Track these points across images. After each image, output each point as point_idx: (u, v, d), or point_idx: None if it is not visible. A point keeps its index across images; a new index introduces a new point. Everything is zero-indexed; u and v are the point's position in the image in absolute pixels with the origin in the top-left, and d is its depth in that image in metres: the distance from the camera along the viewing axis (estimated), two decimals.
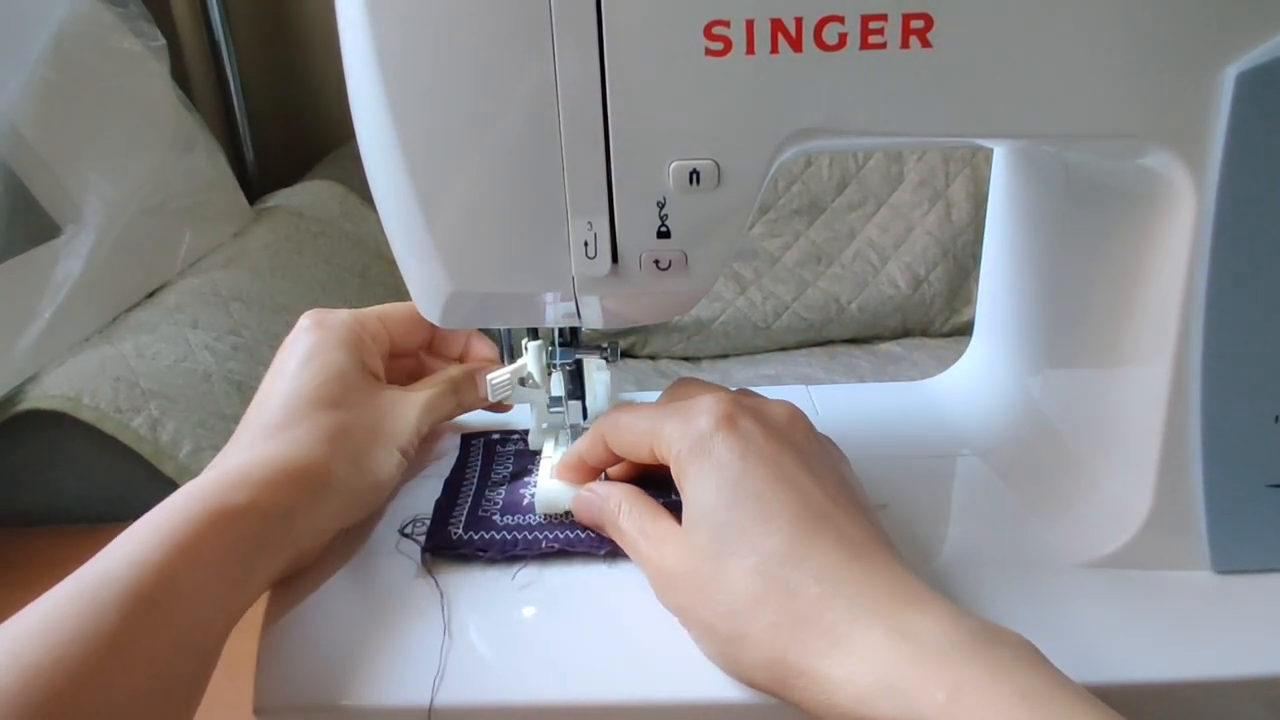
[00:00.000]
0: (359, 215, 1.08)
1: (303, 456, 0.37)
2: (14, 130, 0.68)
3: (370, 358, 0.43)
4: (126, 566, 0.31)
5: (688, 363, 1.32)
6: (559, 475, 0.42)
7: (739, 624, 0.32)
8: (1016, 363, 0.48)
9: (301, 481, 0.36)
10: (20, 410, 0.60)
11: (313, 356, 0.41)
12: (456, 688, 0.33)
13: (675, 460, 0.35)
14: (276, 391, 0.40)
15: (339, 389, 0.40)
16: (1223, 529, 0.38)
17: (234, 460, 0.37)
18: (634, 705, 0.33)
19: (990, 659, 0.28)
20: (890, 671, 0.28)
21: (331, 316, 0.43)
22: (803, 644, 0.30)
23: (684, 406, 0.37)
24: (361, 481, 0.39)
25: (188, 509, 0.33)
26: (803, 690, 0.30)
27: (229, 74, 1.18)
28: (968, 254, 1.33)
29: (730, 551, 0.32)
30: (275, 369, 0.42)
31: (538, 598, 0.38)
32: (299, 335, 0.43)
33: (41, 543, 0.57)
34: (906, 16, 0.31)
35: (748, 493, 0.33)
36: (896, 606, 0.30)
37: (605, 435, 0.39)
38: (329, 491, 0.37)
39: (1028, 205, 0.46)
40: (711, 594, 0.33)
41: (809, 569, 0.31)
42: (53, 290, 0.67)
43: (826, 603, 0.30)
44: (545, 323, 0.39)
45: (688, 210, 0.34)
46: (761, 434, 0.35)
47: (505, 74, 0.32)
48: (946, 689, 0.27)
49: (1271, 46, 0.32)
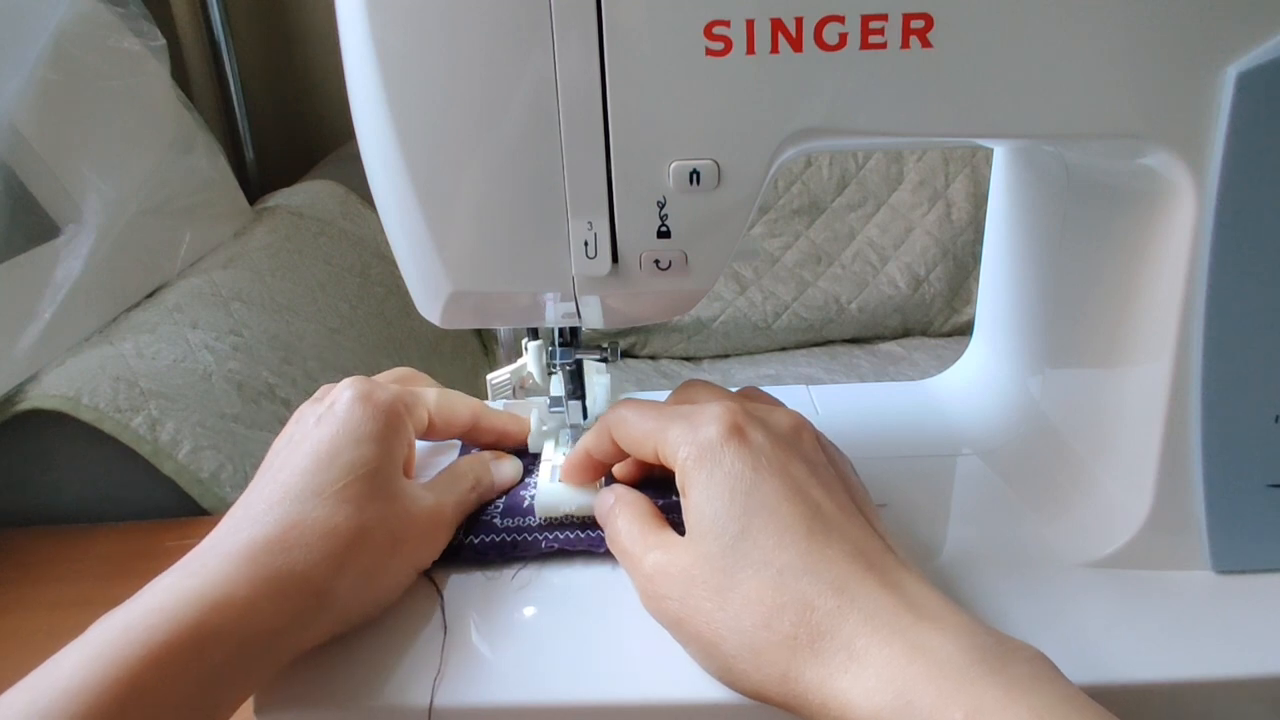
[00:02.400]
0: (359, 215, 1.08)
1: (304, 573, 0.32)
2: (14, 130, 0.68)
3: (409, 449, 0.39)
4: (63, 698, 0.26)
5: (688, 363, 1.32)
6: (565, 473, 0.41)
7: (751, 638, 0.31)
8: (1016, 363, 0.48)
9: (296, 600, 0.32)
10: (20, 410, 0.60)
11: (344, 445, 0.35)
12: (456, 688, 0.33)
13: (680, 465, 0.35)
14: (292, 473, 0.35)
15: (364, 490, 0.35)
16: (1223, 529, 0.38)
17: (218, 569, 0.31)
18: (634, 705, 0.33)
19: (1006, 677, 0.28)
20: (908, 689, 0.28)
21: (379, 393, 0.38)
22: (819, 659, 0.30)
23: (691, 412, 0.36)
24: (368, 597, 0.35)
25: (148, 635, 0.28)
26: (818, 707, 0.30)
27: (229, 74, 1.17)
28: (968, 254, 1.33)
29: (742, 564, 0.32)
30: (299, 441, 0.36)
31: (538, 598, 0.38)
32: (337, 407, 0.37)
33: (41, 543, 0.57)
34: (906, 16, 0.31)
35: (759, 505, 0.33)
36: (912, 619, 0.30)
37: (611, 429, 0.38)
38: (326, 612, 0.33)
39: (1028, 205, 0.46)
40: (720, 606, 0.32)
41: (825, 581, 0.31)
42: (53, 290, 0.67)
43: (844, 615, 0.30)
44: (545, 323, 0.39)
45: (688, 210, 0.34)
46: (771, 445, 0.34)
47: (506, 73, 0.32)
48: (964, 709, 0.27)
49: (1271, 46, 0.32)
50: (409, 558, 0.36)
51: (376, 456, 0.36)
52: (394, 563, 0.36)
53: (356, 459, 0.35)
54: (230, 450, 0.64)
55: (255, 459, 0.65)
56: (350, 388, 0.38)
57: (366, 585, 0.34)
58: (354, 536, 0.34)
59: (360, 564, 0.34)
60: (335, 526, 0.33)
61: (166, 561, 0.32)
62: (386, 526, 0.35)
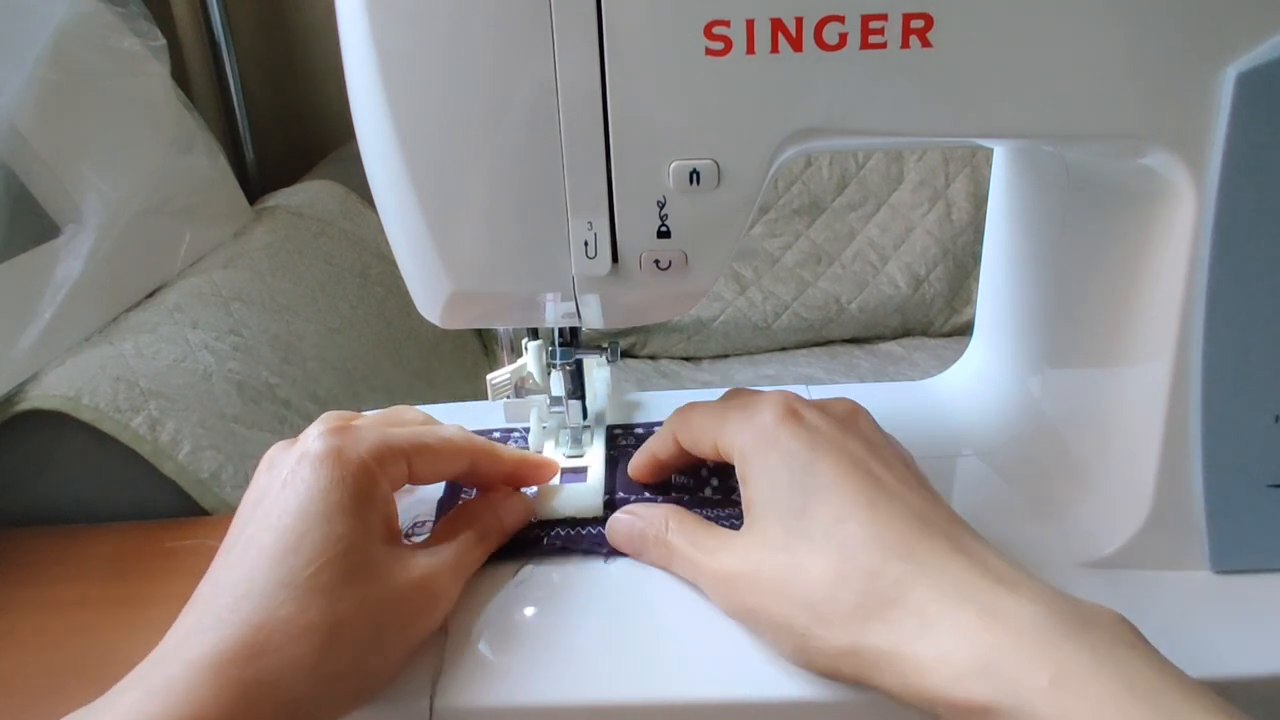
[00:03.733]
0: (359, 215, 1.08)
1: (274, 682, 0.28)
2: (14, 130, 0.68)
3: (387, 509, 0.34)
4: None
5: (688, 363, 1.32)
6: (632, 474, 0.42)
7: (818, 611, 0.30)
8: (1016, 363, 0.48)
9: (269, 714, 0.28)
10: (20, 410, 0.60)
11: (312, 520, 0.31)
12: (456, 688, 0.33)
13: (739, 454, 0.35)
14: (259, 556, 0.30)
15: (338, 574, 0.31)
16: (1223, 529, 0.38)
17: (184, 688, 0.27)
18: (635, 705, 0.33)
19: (1091, 642, 0.27)
20: (988, 652, 0.27)
21: (349, 450, 0.33)
22: (889, 625, 0.29)
23: (746, 403, 0.36)
24: (351, 691, 0.31)
25: None
26: (892, 675, 0.29)
27: (229, 74, 1.17)
28: (968, 254, 1.33)
29: (804, 541, 0.32)
30: (266, 509, 0.32)
31: (538, 597, 0.38)
32: (303, 468, 0.33)
33: (41, 543, 0.57)
34: (906, 16, 0.31)
35: (818, 481, 0.32)
36: (986, 585, 0.29)
37: (675, 430, 0.39)
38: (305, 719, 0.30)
39: (1028, 205, 0.46)
40: (787, 585, 0.31)
41: (890, 550, 0.30)
42: (53, 290, 0.67)
43: (912, 582, 0.30)
44: (545, 323, 0.39)
45: (688, 210, 0.34)
46: (827, 425, 0.35)
47: (506, 73, 0.32)
48: (1049, 673, 0.26)
49: (1271, 46, 0.32)
50: (397, 643, 0.32)
51: (348, 532, 0.31)
52: (378, 655, 0.31)
53: (327, 536, 0.31)
54: (230, 450, 0.64)
55: (255, 459, 0.65)
56: (320, 439, 0.34)
57: (348, 683, 0.31)
58: (329, 634, 0.30)
59: (338, 664, 0.30)
60: (308, 625, 0.29)
61: (167, 561, 0.32)
62: (366, 616, 0.31)
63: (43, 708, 0.43)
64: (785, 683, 0.33)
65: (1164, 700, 0.25)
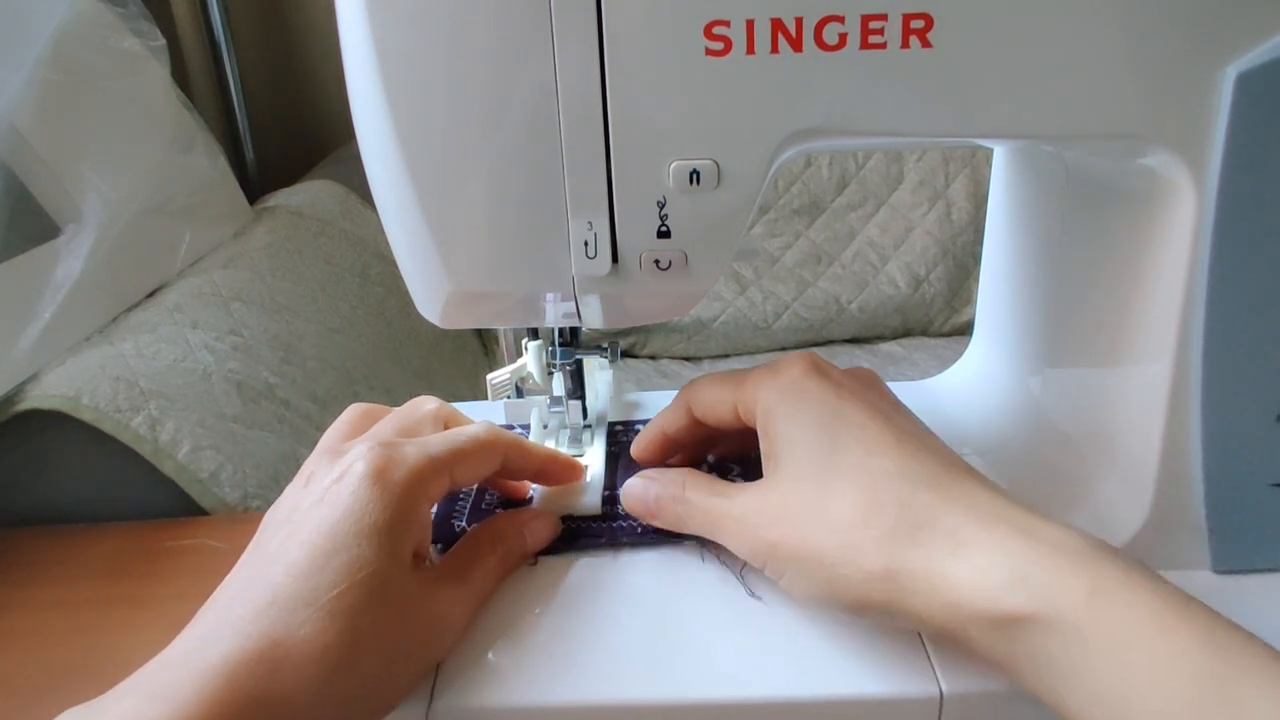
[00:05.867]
0: (359, 215, 1.08)
1: (282, 697, 0.28)
2: (14, 130, 0.68)
3: (423, 533, 0.34)
4: None
5: (688, 363, 1.32)
6: (636, 450, 0.42)
7: (850, 537, 0.31)
8: (1017, 363, 0.48)
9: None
10: (20, 410, 0.60)
11: (345, 540, 0.31)
12: (456, 688, 0.33)
13: (764, 408, 0.35)
14: (286, 571, 0.30)
15: (361, 597, 0.30)
16: (1223, 529, 0.38)
17: (192, 695, 0.27)
18: (635, 705, 0.33)
19: (1124, 562, 0.28)
20: (1023, 566, 0.28)
21: (397, 469, 0.33)
22: (922, 547, 0.30)
23: (767, 365, 0.37)
24: (362, 709, 0.31)
25: None
26: (925, 595, 0.29)
27: (229, 74, 1.17)
28: (968, 254, 1.33)
29: (836, 474, 0.32)
30: (298, 523, 0.32)
31: (540, 596, 0.38)
32: (344, 486, 0.32)
33: (41, 543, 0.57)
34: (906, 16, 0.31)
35: (848, 422, 0.33)
36: (1017, 511, 0.30)
37: (689, 399, 0.39)
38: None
39: (1028, 205, 0.46)
40: (817, 514, 0.32)
41: (920, 481, 0.31)
42: (53, 290, 0.67)
43: (943, 508, 0.30)
44: (545, 323, 0.39)
45: (688, 210, 0.34)
46: (850, 379, 0.36)
47: (506, 73, 0.32)
48: (1086, 585, 0.27)
49: (1271, 46, 0.32)
50: (406, 670, 0.32)
51: (377, 557, 0.31)
52: (388, 680, 0.31)
53: (357, 559, 0.30)
54: (230, 450, 0.64)
55: (255, 459, 0.65)
56: (365, 459, 0.33)
57: (355, 705, 0.30)
58: (345, 657, 0.29)
59: (348, 686, 0.30)
60: (326, 646, 0.29)
61: (166, 561, 0.32)
62: (381, 644, 0.31)
63: (42, 707, 0.43)
64: (791, 683, 0.33)
65: (1198, 618, 0.26)
